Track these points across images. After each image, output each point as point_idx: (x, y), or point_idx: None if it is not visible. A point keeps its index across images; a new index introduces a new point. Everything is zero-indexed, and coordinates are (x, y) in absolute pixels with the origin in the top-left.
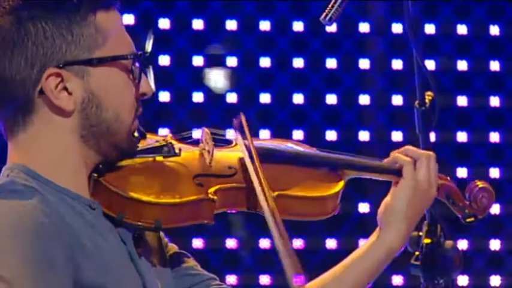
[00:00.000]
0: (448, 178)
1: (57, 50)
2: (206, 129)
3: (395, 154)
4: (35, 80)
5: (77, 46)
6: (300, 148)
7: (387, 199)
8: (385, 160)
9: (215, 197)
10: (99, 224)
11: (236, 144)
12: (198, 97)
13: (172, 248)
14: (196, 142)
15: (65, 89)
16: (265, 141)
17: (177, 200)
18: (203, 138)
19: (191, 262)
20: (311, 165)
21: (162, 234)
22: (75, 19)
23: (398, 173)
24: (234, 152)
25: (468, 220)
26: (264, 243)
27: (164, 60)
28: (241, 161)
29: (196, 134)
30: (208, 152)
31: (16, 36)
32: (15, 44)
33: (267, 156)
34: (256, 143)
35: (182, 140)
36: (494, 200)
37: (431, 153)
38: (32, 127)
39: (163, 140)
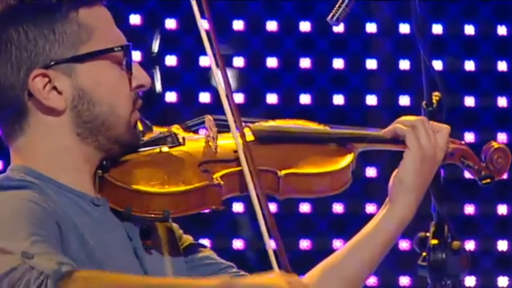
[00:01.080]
0: (462, 142)
1: (41, 51)
2: (209, 116)
3: (394, 125)
4: (23, 83)
5: (60, 45)
6: (309, 125)
7: (396, 171)
8: (385, 130)
9: (221, 182)
10: (105, 221)
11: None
12: (204, 97)
13: (188, 239)
14: (202, 124)
15: (55, 88)
16: (271, 121)
17: (183, 188)
18: (207, 125)
19: (207, 252)
20: (318, 142)
21: (176, 226)
22: (56, 18)
23: (400, 141)
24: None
25: (485, 182)
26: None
27: (171, 60)
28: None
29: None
30: (213, 138)
31: (0, 42)
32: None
33: (272, 136)
34: (261, 123)
35: (188, 128)
36: (511, 160)
37: (422, 117)
38: (29, 130)
39: (167, 130)
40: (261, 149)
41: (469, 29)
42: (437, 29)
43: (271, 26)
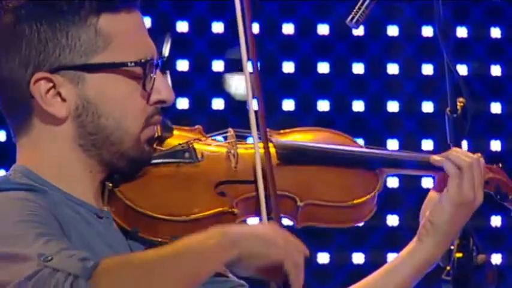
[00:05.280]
0: (498, 168)
1: (50, 54)
2: (231, 130)
3: (443, 159)
4: (28, 83)
5: (71, 50)
6: (336, 138)
7: (430, 210)
8: (433, 158)
9: (236, 210)
10: (107, 234)
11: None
12: (218, 104)
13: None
14: (225, 139)
15: (59, 94)
16: (294, 133)
17: (195, 216)
18: (229, 140)
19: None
20: (345, 165)
21: None
22: (73, 21)
23: (441, 169)
24: (261, 150)
25: None
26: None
27: (183, 65)
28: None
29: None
30: (234, 155)
31: (13, 35)
32: (11, 43)
33: (296, 156)
34: (282, 138)
35: (209, 138)
36: None
37: (476, 157)
38: (33, 131)
39: (186, 143)
40: (282, 170)
41: (495, 32)
42: (461, 32)
43: (288, 29)
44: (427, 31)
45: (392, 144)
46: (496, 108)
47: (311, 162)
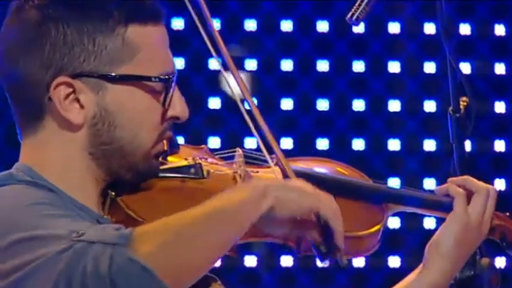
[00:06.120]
0: (507, 216)
1: (75, 58)
2: (240, 150)
3: (450, 184)
4: (47, 85)
5: (97, 58)
6: (344, 175)
7: (435, 234)
8: (437, 188)
9: None
10: None
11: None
12: (214, 103)
13: None
14: (232, 158)
15: (77, 100)
16: (302, 162)
17: None
18: (236, 160)
19: (216, 286)
20: (353, 197)
21: None
22: (101, 28)
23: (450, 208)
24: (268, 175)
25: None
26: (286, 262)
27: (178, 63)
28: None
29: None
30: (240, 176)
31: (36, 34)
32: (34, 42)
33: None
34: (293, 164)
35: (216, 156)
36: None
37: (492, 187)
38: (42, 133)
39: (193, 159)
40: None
41: (499, 29)
42: (464, 29)
43: (286, 26)
44: (430, 28)
45: (394, 145)
46: (500, 107)
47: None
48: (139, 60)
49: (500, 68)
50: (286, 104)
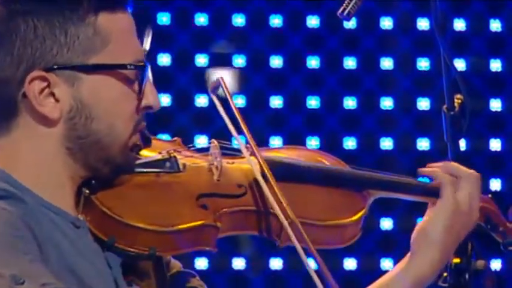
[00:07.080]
0: (489, 198)
1: (47, 51)
2: (215, 142)
3: (434, 169)
4: (20, 81)
5: (69, 49)
6: (322, 162)
7: (422, 221)
8: (421, 169)
9: (219, 224)
10: (82, 244)
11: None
12: (201, 101)
13: (175, 265)
14: (206, 150)
15: (52, 94)
16: (277, 151)
17: (175, 228)
18: (211, 152)
19: (196, 282)
20: (333, 185)
21: None
22: (71, 19)
23: (435, 194)
24: (246, 165)
25: (511, 248)
26: (275, 264)
27: (164, 59)
28: (253, 177)
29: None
30: (217, 167)
31: (4, 30)
32: (2, 38)
33: (281, 174)
34: (269, 154)
35: (191, 149)
36: None
37: (476, 173)
38: (16, 131)
39: (167, 152)
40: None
41: (495, 25)
42: (459, 25)
43: (276, 21)
44: (423, 24)
45: (387, 144)
46: (495, 105)
47: (298, 179)
48: (112, 48)
49: (495, 65)
50: (276, 101)
